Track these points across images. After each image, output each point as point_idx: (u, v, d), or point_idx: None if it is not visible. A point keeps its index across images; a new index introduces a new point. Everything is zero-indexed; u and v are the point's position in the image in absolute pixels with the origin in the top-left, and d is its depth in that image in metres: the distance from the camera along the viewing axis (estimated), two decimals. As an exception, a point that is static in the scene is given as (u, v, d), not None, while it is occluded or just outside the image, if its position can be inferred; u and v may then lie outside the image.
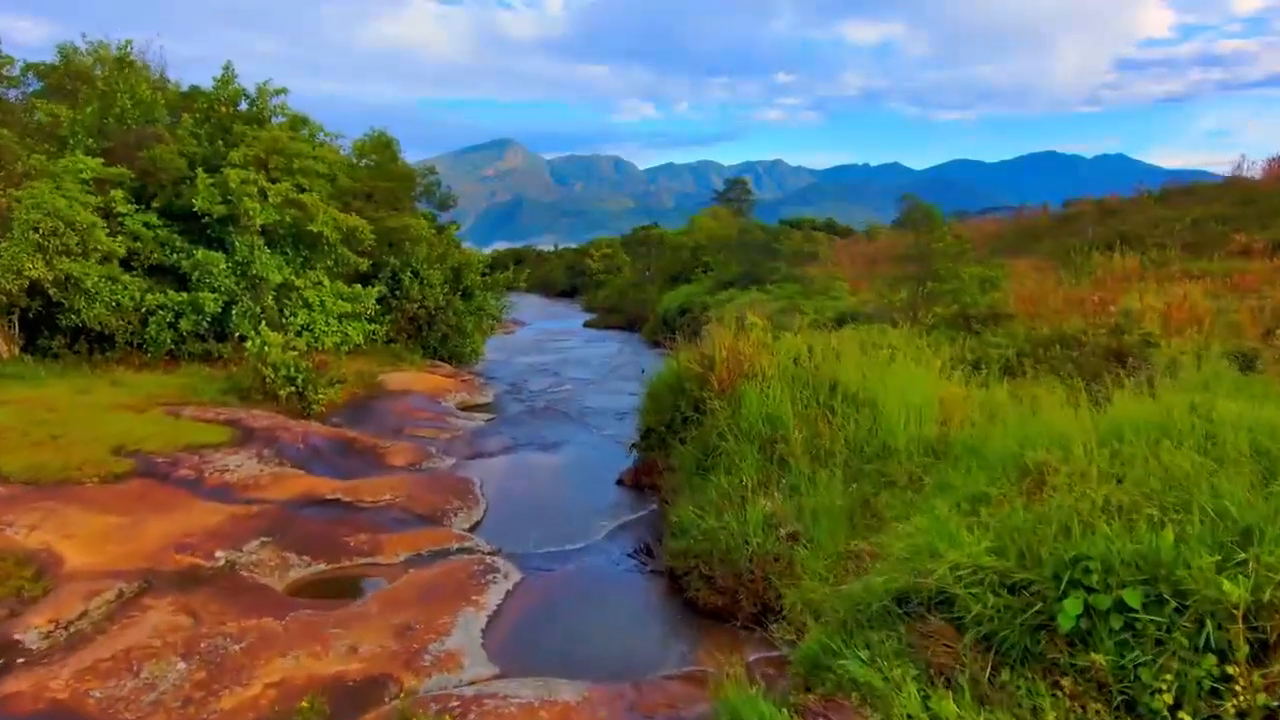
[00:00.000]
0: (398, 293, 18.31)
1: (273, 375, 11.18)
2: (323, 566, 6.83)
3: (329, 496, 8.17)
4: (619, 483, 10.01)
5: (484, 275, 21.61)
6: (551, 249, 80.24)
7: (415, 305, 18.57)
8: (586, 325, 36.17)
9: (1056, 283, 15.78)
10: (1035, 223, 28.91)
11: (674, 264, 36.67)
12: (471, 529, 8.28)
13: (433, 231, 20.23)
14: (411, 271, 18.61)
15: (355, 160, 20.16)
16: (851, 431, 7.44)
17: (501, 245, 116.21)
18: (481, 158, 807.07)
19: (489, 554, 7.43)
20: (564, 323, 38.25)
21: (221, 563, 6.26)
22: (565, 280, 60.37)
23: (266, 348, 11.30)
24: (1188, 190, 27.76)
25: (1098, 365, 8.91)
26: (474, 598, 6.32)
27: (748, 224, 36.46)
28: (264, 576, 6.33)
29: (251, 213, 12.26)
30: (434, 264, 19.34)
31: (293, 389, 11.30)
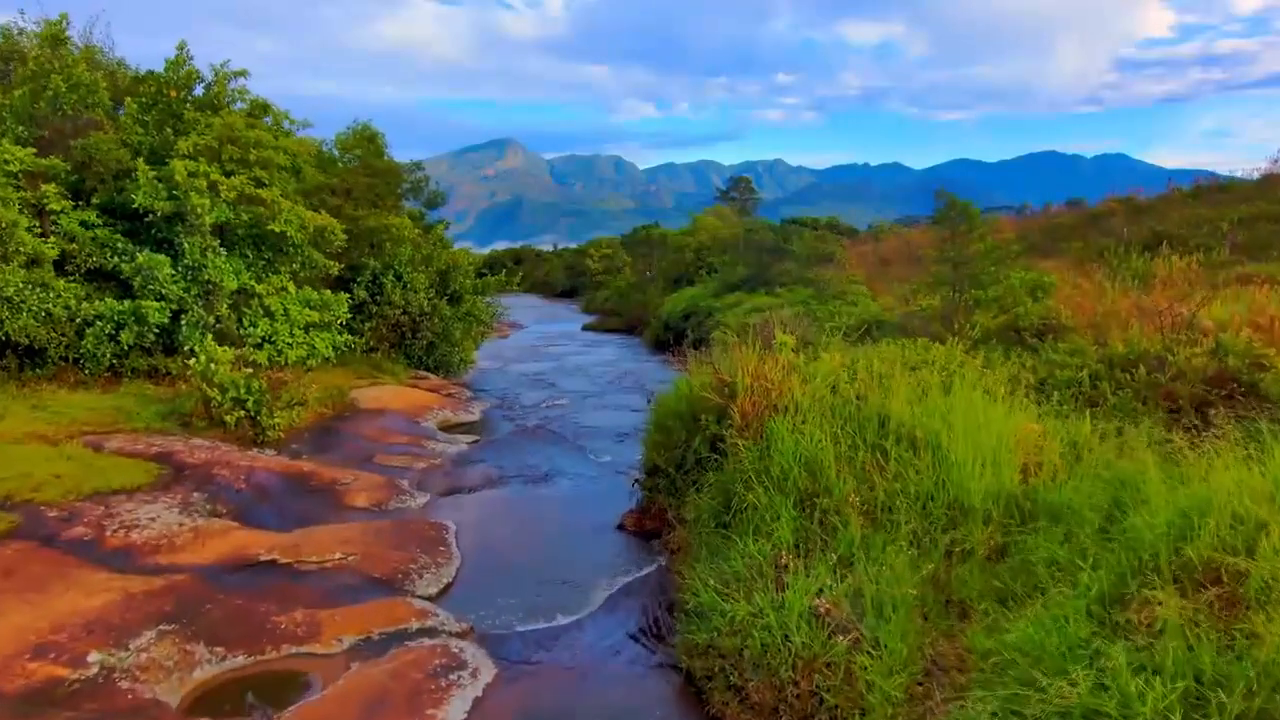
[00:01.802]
0: (378, 298, 16.81)
1: (219, 398, 9.67)
2: (240, 660, 5.32)
3: (264, 557, 6.65)
4: (619, 528, 8.50)
5: (479, 276, 20.10)
6: (551, 249, 78.93)
7: (398, 311, 17.06)
8: (585, 328, 34.71)
9: (1098, 287, 14.29)
10: (1059, 221, 27.42)
11: (676, 265, 35.23)
12: (439, 595, 6.77)
13: (418, 231, 18.70)
14: (394, 275, 17.10)
15: (338, 155, 18.67)
16: (911, 483, 5.93)
17: (501, 245, 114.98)
18: (481, 158, 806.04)
19: (457, 635, 5.92)
20: (562, 325, 36.79)
21: (94, 670, 4.74)
22: (565, 281, 59.20)
23: (213, 365, 9.78)
24: (1223, 188, 26.27)
25: (1198, 394, 7.41)
26: (430, 711, 4.82)
27: (754, 223, 35.00)
28: (153, 684, 4.81)
29: (200, 210, 10.73)
30: (419, 266, 17.83)
31: (243, 413, 9.79)
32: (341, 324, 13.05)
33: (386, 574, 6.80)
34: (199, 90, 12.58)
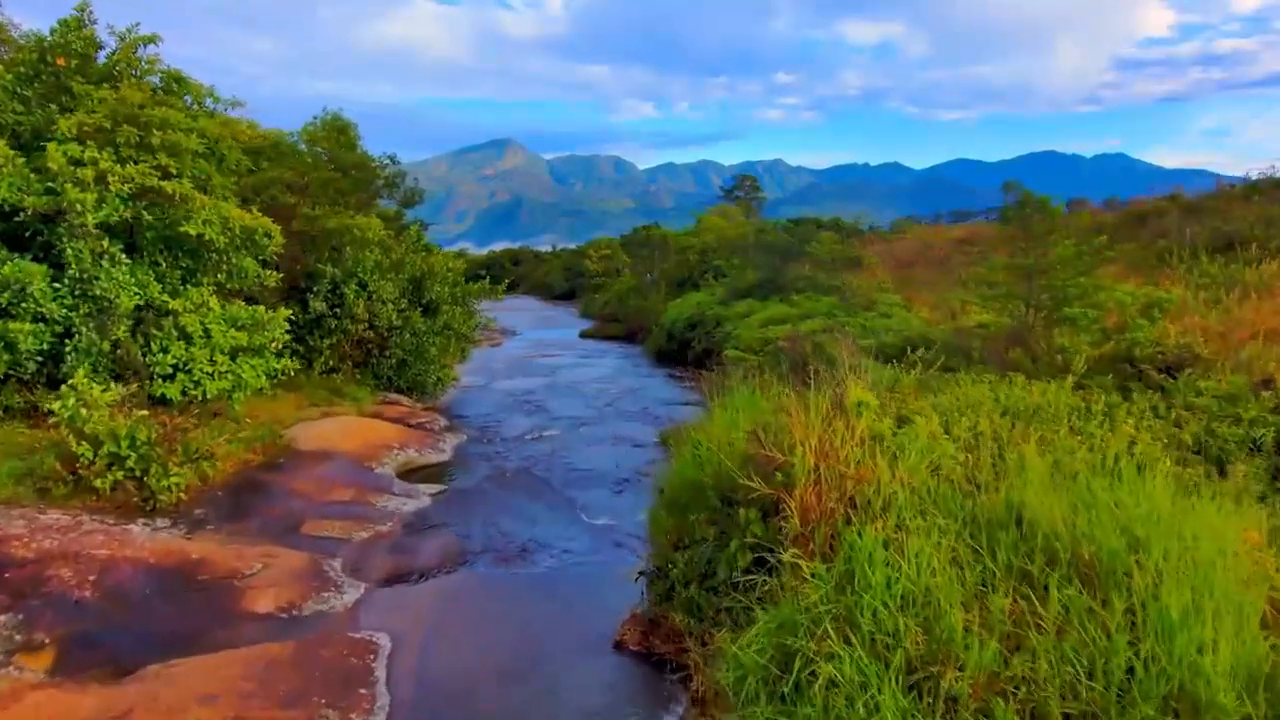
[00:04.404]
0: (338, 310, 14.49)
1: (88, 454, 7.34)
2: None
3: (64, 742, 4.32)
4: (618, 644, 6.16)
5: (472, 280, 17.78)
6: (550, 250, 76.86)
7: (361, 326, 14.74)
8: (583, 335, 32.39)
9: (1179, 298, 12.00)
10: (1102, 220, 25.11)
11: (680, 268, 32.93)
12: (343, 789, 4.44)
13: (389, 233, 16.38)
14: (357, 283, 14.79)
15: (305, 148, 16.36)
16: (1095, 652, 3.60)
17: (500, 246, 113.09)
18: (481, 157, 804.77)
19: None
20: (559, 331, 34.46)
21: None
22: (563, 283, 57.07)
23: (84, 410, 7.46)
24: (1277, 184, 23.98)
25: None
26: None
27: (766, 224, 32.71)
28: None
29: (80, 206, 8.41)
30: (388, 273, 15.51)
31: (122, 474, 7.46)
32: (279, 346, 10.69)
33: (262, 757, 4.46)
34: (102, 60, 10.25)
